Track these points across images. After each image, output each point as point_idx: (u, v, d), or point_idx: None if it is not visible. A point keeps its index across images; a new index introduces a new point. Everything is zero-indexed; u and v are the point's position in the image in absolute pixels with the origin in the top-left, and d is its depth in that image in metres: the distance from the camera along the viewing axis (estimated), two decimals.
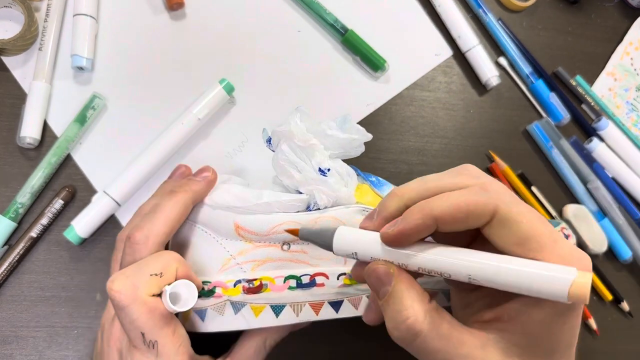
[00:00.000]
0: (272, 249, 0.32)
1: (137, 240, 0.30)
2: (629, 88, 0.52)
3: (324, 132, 0.33)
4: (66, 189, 0.38)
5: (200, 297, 0.32)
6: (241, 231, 0.32)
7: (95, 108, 0.39)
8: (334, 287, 0.32)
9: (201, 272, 0.33)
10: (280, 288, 0.32)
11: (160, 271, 0.28)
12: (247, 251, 0.32)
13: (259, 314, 0.32)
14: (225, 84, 0.40)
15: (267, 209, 0.32)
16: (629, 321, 0.48)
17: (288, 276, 0.32)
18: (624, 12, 0.53)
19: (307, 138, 0.32)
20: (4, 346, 0.37)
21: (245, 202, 0.32)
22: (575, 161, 0.48)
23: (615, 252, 0.48)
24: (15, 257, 0.37)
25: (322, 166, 0.32)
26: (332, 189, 0.32)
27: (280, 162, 0.33)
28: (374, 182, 0.36)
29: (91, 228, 0.38)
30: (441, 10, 0.47)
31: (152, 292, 0.28)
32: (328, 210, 0.32)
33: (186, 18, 0.43)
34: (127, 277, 0.28)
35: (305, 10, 0.45)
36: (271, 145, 0.35)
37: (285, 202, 0.32)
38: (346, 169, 0.34)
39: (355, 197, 0.33)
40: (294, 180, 0.33)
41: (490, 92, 0.48)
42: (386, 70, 0.45)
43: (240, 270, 0.32)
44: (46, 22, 0.40)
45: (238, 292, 0.32)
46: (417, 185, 0.25)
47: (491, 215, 0.22)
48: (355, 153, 0.35)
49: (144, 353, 0.28)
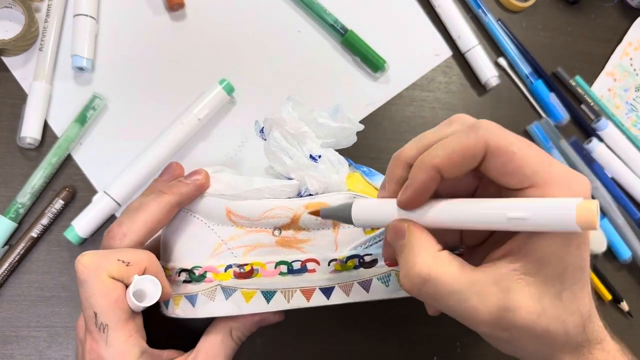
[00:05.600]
0: (263, 235, 0.32)
1: (114, 235, 0.30)
2: (628, 88, 0.52)
3: (316, 121, 0.33)
4: (66, 189, 0.38)
5: (191, 282, 0.32)
6: (233, 216, 0.32)
7: (95, 108, 0.39)
8: (325, 274, 0.32)
9: (192, 257, 0.33)
10: (271, 273, 0.32)
11: (129, 261, 0.29)
12: (239, 236, 0.32)
13: (250, 299, 0.33)
14: (225, 84, 0.40)
15: (258, 194, 0.32)
16: (629, 321, 0.48)
17: (279, 262, 0.32)
18: (624, 12, 0.53)
19: (298, 125, 0.32)
20: (4, 346, 0.37)
21: (236, 189, 0.32)
22: (574, 161, 0.48)
23: (614, 252, 0.48)
24: (16, 257, 0.37)
25: (313, 153, 0.33)
26: (323, 174, 0.32)
27: (272, 148, 0.33)
28: (366, 172, 0.36)
29: (91, 228, 0.38)
30: (441, 11, 0.47)
31: (113, 275, 0.28)
32: (319, 196, 0.32)
33: (186, 19, 0.43)
34: (95, 254, 0.28)
35: (305, 11, 0.45)
36: (263, 134, 0.35)
37: (276, 188, 0.32)
38: (337, 157, 0.34)
39: (346, 184, 0.34)
40: (285, 166, 0.33)
41: (490, 92, 0.48)
42: (386, 71, 0.45)
43: (232, 255, 0.32)
44: (46, 23, 0.40)
45: (229, 276, 0.32)
46: (415, 144, 0.26)
47: (484, 151, 0.23)
48: (347, 143, 0.35)
49: (95, 338, 0.28)
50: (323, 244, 0.33)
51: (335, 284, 0.33)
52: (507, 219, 0.22)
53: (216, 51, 0.43)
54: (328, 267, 0.32)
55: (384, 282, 0.33)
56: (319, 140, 0.33)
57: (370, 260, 0.33)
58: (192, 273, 0.32)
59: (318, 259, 0.32)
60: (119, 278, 0.28)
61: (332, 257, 0.33)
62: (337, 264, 0.33)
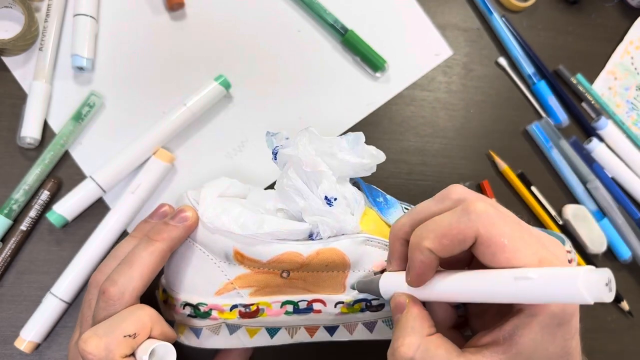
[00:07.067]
0: (271, 276, 0.31)
1: (112, 296, 0.29)
2: (629, 87, 0.52)
3: (335, 156, 0.31)
4: (52, 180, 0.38)
5: (197, 318, 0.32)
6: (240, 257, 0.31)
7: (91, 105, 0.39)
8: (331, 315, 0.32)
9: (198, 292, 0.32)
10: (276, 313, 0.32)
11: (135, 332, 0.28)
12: (246, 277, 0.31)
13: (253, 335, 0.32)
14: (221, 80, 0.40)
15: (268, 238, 0.30)
16: (629, 321, 0.48)
17: (285, 301, 0.32)
18: (624, 12, 0.53)
19: (315, 163, 0.30)
20: (4, 346, 0.37)
21: (245, 229, 0.30)
22: (574, 161, 0.48)
23: (614, 252, 0.48)
24: (7, 251, 0.37)
25: (328, 195, 0.30)
26: (336, 220, 0.31)
27: (286, 188, 0.31)
28: (381, 204, 0.35)
29: (74, 210, 0.38)
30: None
31: (125, 354, 0.27)
32: (331, 241, 0.31)
33: (186, 18, 0.43)
34: (100, 337, 0.27)
35: (305, 10, 0.45)
36: (277, 161, 0.33)
37: (287, 232, 0.30)
38: (353, 195, 0.32)
39: (360, 225, 0.32)
40: (298, 208, 0.31)
41: (490, 92, 0.48)
42: (386, 71, 0.45)
43: (238, 295, 0.32)
44: (46, 22, 0.40)
45: (234, 316, 0.32)
46: (409, 218, 0.27)
47: (473, 239, 0.23)
48: (366, 174, 0.33)
49: None
50: (331, 285, 0.32)
51: (340, 323, 0.33)
52: (514, 279, 0.22)
53: (216, 51, 0.43)
54: (334, 308, 0.32)
55: (389, 324, 0.33)
56: (336, 173, 0.31)
57: (377, 305, 0.32)
58: (197, 309, 0.32)
59: (325, 300, 0.32)
60: (129, 353, 0.28)
61: (340, 299, 0.32)
62: (343, 307, 0.32)
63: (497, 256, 0.23)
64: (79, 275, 0.37)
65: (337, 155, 0.31)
